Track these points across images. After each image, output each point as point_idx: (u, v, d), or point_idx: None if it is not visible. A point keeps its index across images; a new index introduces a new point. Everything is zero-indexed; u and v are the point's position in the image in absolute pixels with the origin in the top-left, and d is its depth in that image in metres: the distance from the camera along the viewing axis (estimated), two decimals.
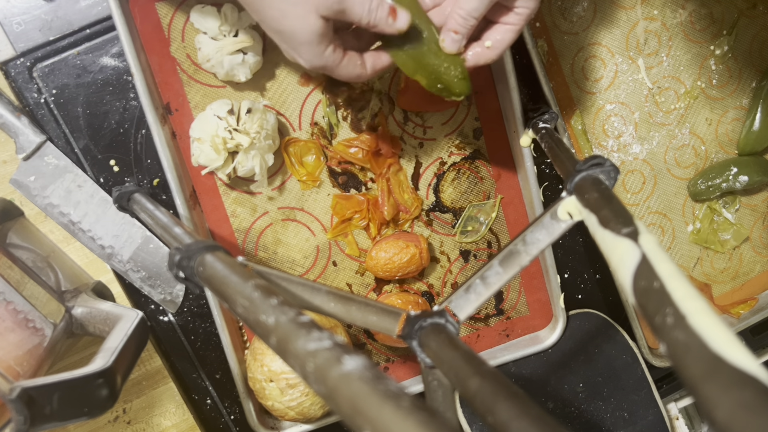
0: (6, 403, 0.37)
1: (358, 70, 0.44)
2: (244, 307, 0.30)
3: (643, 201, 0.67)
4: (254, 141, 0.54)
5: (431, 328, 0.38)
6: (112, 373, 0.43)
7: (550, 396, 0.64)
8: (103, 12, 0.56)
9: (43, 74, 0.56)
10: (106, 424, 0.62)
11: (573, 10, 0.62)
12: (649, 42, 0.64)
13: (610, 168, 0.41)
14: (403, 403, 0.20)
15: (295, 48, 0.42)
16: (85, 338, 0.58)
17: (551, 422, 0.24)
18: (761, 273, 0.73)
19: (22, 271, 0.51)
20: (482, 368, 0.30)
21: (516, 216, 0.65)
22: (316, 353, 0.23)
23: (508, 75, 0.57)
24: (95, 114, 0.57)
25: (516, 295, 0.67)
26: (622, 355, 0.66)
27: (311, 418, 0.59)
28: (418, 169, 0.62)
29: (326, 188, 0.61)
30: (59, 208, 0.58)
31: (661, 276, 0.28)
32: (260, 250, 0.62)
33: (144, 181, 0.59)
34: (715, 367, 0.21)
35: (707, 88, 0.66)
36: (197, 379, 0.64)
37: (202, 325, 0.63)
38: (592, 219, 0.37)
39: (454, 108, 0.61)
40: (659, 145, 0.67)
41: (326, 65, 0.43)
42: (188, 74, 0.56)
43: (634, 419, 0.65)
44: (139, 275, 0.61)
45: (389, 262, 0.61)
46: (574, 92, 0.63)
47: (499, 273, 0.43)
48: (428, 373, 0.44)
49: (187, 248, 0.38)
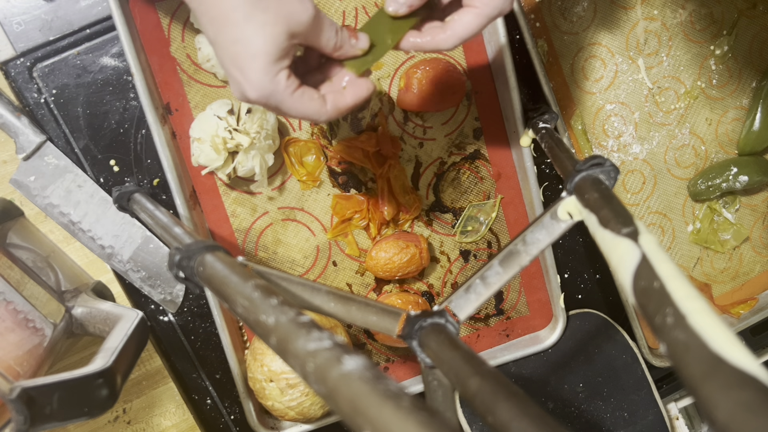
0: (6, 403, 0.37)
1: (315, 106, 0.38)
2: (244, 307, 0.30)
3: (643, 201, 0.67)
4: (254, 141, 0.54)
5: (431, 328, 0.38)
6: (112, 373, 0.43)
7: (550, 396, 0.64)
8: (103, 12, 0.56)
9: (43, 74, 0.56)
10: (106, 424, 0.62)
11: (573, 10, 0.62)
12: (649, 42, 0.64)
13: (610, 168, 0.41)
14: (403, 403, 0.20)
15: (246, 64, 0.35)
16: (85, 338, 0.58)
17: (551, 422, 0.24)
18: (761, 273, 0.73)
19: (22, 271, 0.51)
20: (482, 368, 0.30)
21: (516, 216, 0.65)
22: (316, 353, 0.23)
23: (508, 75, 0.57)
24: (95, 114, 0.57)
25: (516, 295, 0.67)
26: (622, 355, 0.66)
27: (311, 418, 0.59)
28: (418, 169, 0.62)
29: (326, 188, 0.61)
30: (59, 208, 0.58)
31: (661, 276, 0.28)
32: (260, 250, 0.62)
33: (144, 181, 0.59)
34: (715, 367, 0.21)
35: (707, 88, 0.66)
36: (197, 379, 0.64)
37: (202, 325, 0.63)
38: (592, 219, 0.37)
39: (454, 108, 0.61)
40: (659, 145, 0.67)
41: (275, 92, 0.36)
42: (188, 74, 0.56)
43: (634, 419, 0.65)
44: (139, 275, 0.61)
45: (389, 262, 0.61)
46: (574, 92, 0.63)
47: (499, 273, 0.43)
48: (428, 373, 0.44)
49: (187, 248, 0.38)
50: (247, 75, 0.35)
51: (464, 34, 0.40)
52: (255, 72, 0.35)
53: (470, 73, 0.61)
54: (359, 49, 0.40)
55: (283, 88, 0.36)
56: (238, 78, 0.36)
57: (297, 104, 0.37)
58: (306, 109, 0.38)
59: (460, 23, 0.40)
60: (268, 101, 0.37)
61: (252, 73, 0.35)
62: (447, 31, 0.40)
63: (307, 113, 0.38)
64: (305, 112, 0.38)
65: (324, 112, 0.39)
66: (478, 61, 0.61)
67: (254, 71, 0.35)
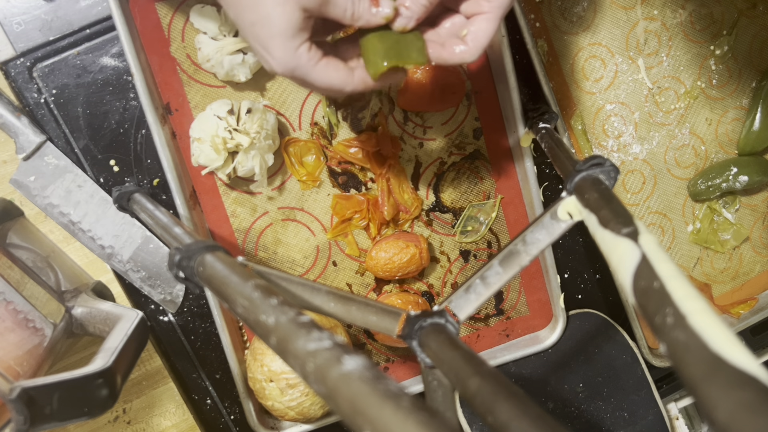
0: (6, 403, 0.37)
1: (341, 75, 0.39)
2: (244, 307, 0.30)
3: (643, 201, 0.67)
4: (254, 141, 0.54)
5: (431, 328, 0.38)
6: (112, 373, 0.43)
7: (550, 396, 0.64)
8: (103, 12, 0.56)
9: (43, 74, 0.56)
10: (106, 424, 0.62)
11: (573, 10, 0.62)
12: (649, 42, 0.64)
13: (610, 168, 0.41)
14: (403, 403, 0.20)
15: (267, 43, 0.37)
16: (85, 338, 0.58)
17: (551, 422, 0.24)
18: (761, 273, 0.73)
19: (22, 271, 0.51)
20: (482, 368, 0.30)
21: (516, 216, 0.65)
22: (316, 353, 0.23)
23: (508, 75, 0.57)
24: (95, 114, 0.57)
25: (516, 295, 0.67)
26: (622, 355, 0.66)
27: (311, 418, 0.59)
28: (418, 169, 0.62)
29: (326, 188, 0.61)
30: (59, 208, 0.58)
31: (661, 276, 0.28)
32: (260, 250, 0.62)
33: (144, 181, 0.59)
34: (715, 367, 0.21)
35: (707, 88, 0.66)
36: (197, 379, 0.64)
37: (202, 325, 0.63)
38: (592, 219, 0.37)
39: (454, 108, 0.61)
40: (659, 145, 0.67)
41: (299, 65, 0.37)
42: (188, 74, 0.56)
43: (634, 419, 0.65)
44: (139, 275, 0.61)
45: (389, 262, 0.61)
46: (574, 92, 0.63)
47: (499, 273, 0.43)
48: (428, 373, 0.44)
49: (187, 248, 0.38)
50: (271, 52, 0.37)
51: (485, 40, 0.40)
52: (276, 49, 0.37)
53: (470, 73, 0.61)
54: (381, 17, 0.39)
55: (305, 61, 0.37)
56: (264, 55, 0.38)
57: (322, 75, 0.38)
58: (331, 79, 0.38)
59: (480, 32, 0.40)
60: (294, 75, 0.38)
61: (274, 51, 0.37)
62: (469, 44, 0.40)
63: (332, 83, 0.39)
64: (330, 82, 0.38)
65: (350, 82, 0.39)
66: (478, 61, 0.61)
67: (276, 49, 0.37)
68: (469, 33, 0.40)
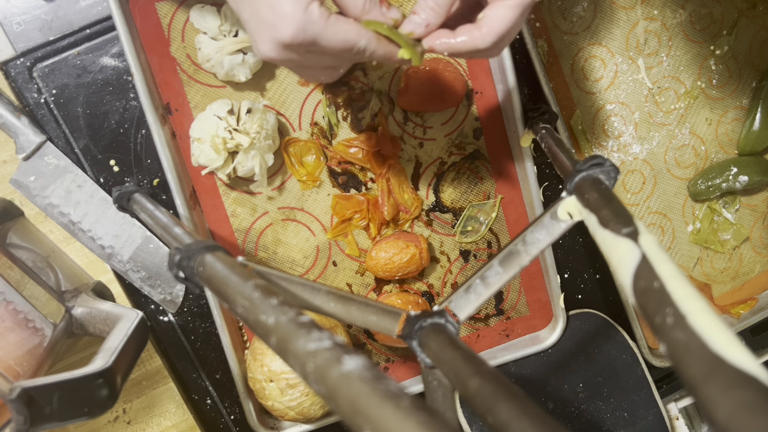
0: (6, 403, 0.37)
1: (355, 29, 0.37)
2: (244, 307, 0.30)
3: (643, 201, 0.67)
4: (254, 141, 0.54)
5: (431, 328, 0.38)
6: (112, 373, 0.43)
7: (550, 396, 0.64)
8: (103, 12, 0.56)
9: (43, 74, 0.56)
10: (106, 424, 0.62)
11: (573, 10, 0.62)
12: (649, 42, 0.64)
13: (610, 168, 0.41)
14: (403, 403, 0.20)
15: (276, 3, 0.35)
16: (85, 338, 0.58)
17: (551, 422, 0.24)
18: (761, 273, 0.73)
19: (22, 271, 0.51)
20: (482, 368, 0.30)
21: (516, 216, 0.65)
22: (316, 353, 0.23)
23: (508, 75, 0.57)
24: (95, 114, 0.57)
25: (516, 295, 0.67)
26: (622, 355, 0.66)
27: (311, 418, 0.59)
28: (418, 169, 0.62)
29: (326, 188, 0.61)
30: (59, 208, 0.58)
31: (661, 276, 0.28)
32: (260, 250, 0.62)
33: (144, 181, 0.59)
34: (715, 367, 0.21)
35: (707, 88, 0.66)
36: (197, 379, 0.64)
37: (202, 325, 0.63)
38: (592, 219, 0.37)
39: (454, 108, 0.61)
40: (659, 145, 0.67)
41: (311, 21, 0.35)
42: (188, 74, 0.56)
43: (634, 419, 0.65)
44: (139, 275, 0.61)
45: (389, 262, 0.61)
46: (574, 92, 0.63)
47: (499, 273, 0.43)
48: (428, 373, 0.44)
49: (187, 248, 0.38)
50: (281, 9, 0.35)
51: (500, 28, 0.38)
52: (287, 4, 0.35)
53: (470, 73, 0.61)
54: (390, 18, 0.38)
55: (317, 17, 0.35)
56: (270, 19, 0.35)
57: (336, 29, 0.36)
58: (346, 34, 0.36)
59: (495, 17, 0.38)
60: (306, 34, 0.36)
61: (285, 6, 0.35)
62: (482, 29, 0.38)
63: (347, 37, 0.36)
64: (346, 36, 0.36)
65: (365, 34, 0.37)
66: (478, 61, 0.61)
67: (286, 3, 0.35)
68: (485, 17, 0.38)
